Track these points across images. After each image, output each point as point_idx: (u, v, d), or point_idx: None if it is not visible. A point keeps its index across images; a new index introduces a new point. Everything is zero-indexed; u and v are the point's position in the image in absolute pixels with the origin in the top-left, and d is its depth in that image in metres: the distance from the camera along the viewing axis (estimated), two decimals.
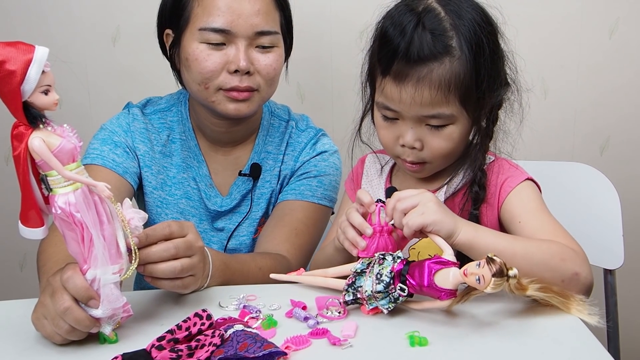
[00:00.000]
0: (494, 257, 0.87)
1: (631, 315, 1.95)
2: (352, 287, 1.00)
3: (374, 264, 1.00)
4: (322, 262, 1.22)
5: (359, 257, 1.05)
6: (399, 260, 0.98)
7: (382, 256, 1.00)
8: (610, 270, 1.51)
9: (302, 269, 1.15)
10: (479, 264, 0.88)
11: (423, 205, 1.00)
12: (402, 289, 0.95)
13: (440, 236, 1.00)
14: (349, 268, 1.05)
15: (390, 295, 0.97)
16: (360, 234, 1.06)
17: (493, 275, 0.86)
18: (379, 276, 0.97)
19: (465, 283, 0.92)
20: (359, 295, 0.99)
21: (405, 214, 1.02)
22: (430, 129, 1.12)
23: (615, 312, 1.53)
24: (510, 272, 0.88)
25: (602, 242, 1.48)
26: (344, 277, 1.05)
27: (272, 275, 1.14)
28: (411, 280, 0.95)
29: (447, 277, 0.92)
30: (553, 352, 0.87)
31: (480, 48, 1.09)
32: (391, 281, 0.96)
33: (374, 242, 1.05)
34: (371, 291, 0.97)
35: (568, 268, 1.00)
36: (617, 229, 1.48)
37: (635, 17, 1.91)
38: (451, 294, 0.92)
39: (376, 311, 0.99)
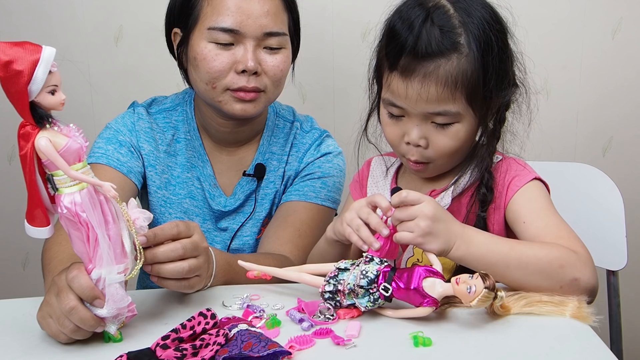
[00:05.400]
0: (487, 274, 0.90)
1: (634, 316, 1.95)
2: (334, 279, 0.99)
3: (359, 263, 1.00)
4: (316, 257, 1.22)
5: (362, 254, 1.05)
6: (385, 264, 0.99)
7: (369, 257, 1.01)
8: (613, 271, 1.50)
9: None
10: (472, 276, 0.91)
11: (417, 224, 0.99)
12: (385, 289, 0.95)
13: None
14: (327, 268, 1.04)
15: (371, 295, 0.97)
16: (373, 232, 1.05)
17: (485, 287, 0.88)
18: (364, 272, 0.97)
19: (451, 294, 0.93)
20: (340, 288, 0.98)
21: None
22: (436, 127, 1.11)
23: (618, 314, 1.52)
24: (499, 293, 0.91)
25: (605, 243, 1.47)
26: (321, 275, 1.04)
27: (240, 263, 1.12)
28: (398, 282, 0.95)
29: (434, 286, 0.93)
30: (557, 352, 0.88)
31: (489, 46, 1.08)
32: (376, 279, 0.96)
33: (388, 243, 1.04)
34: (354, 284, 0.97)
35: (567, 274, 0.99)
36: (620, 230, 1.47)
37: (638, 17, 1.91)
38: (434, 302, 0.93)
39: (352, 315, 0.99)
